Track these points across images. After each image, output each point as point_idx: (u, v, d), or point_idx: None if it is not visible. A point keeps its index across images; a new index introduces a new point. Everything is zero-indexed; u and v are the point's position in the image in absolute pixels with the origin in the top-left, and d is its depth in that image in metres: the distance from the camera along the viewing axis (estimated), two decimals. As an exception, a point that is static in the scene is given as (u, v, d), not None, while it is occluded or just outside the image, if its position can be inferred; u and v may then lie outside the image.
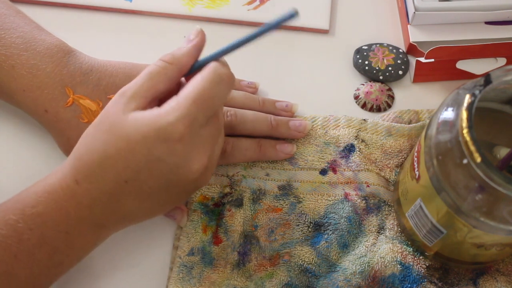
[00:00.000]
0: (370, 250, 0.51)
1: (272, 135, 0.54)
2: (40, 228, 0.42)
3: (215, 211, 0.52)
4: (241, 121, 0.53)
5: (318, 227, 0.52)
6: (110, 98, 0.51)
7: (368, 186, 0.53)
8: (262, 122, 0.54)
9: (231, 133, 0.53)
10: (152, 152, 0.41)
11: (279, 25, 0.42)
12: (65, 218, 0.43)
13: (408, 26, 0.59)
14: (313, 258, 0.51)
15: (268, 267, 0.51)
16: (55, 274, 0.45)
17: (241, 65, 0.59)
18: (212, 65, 0.43)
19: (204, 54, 0.59)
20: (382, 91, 0.59)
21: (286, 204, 0.53)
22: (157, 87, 0.43)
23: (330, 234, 0.52)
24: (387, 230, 0.52)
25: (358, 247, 0.51)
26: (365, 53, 0.60)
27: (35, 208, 0.42)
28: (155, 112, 0.42)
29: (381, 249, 0.51)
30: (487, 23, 0.59)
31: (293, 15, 0.41)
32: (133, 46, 0.60)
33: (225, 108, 0.53)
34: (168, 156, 0.41)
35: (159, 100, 0.44)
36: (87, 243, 0.45)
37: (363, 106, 0.58)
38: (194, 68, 0.45)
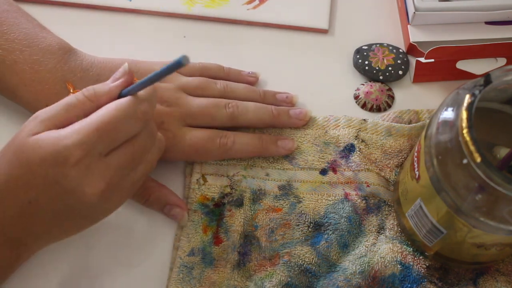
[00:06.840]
0: (370, 250, 0.51)
1: (273, 125, 0.55)
2: None
3: (215, 212, 0.52)
4: (243, 111, 0.54)
5: (318, 227, 0.52)
6: None
7: (368, 186, 0.53)
8: (263, 112, 0.54)
9: (233, 125, 0.54)
10: (49, 174, 0.41)
11: (169, 71, 0.40)
12: None
13: (408, 26, 0.59)
14: (313, 258, 0.51)
15: (268, 267, 0.51)
16: None
17: (241, 66, 0.59)
18: (127, 99, 0.42)
19: (204, 54, 0.59)
20: (382, 91, 0.59)
21: (286, 204, 0.53)
22: (71, 120, 0.42)
23: (330, 234, 0.51)
24: (387, 230, 0.52)
25: (358, 247, 0.51)
26: (365, 53, 0.60)
27: None
28: (54, 134, 0.41)
29: (381, 249, 0.51)
30: (487, 23, 0.59)
31: (181, 62, 0.39)
32: (133, 45, 0.60)
33: (226, 100, 0.54)
34: (63, 179, 0.41)
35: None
36: (7, 261, 0.45)
37: (363, 106, 0.58)
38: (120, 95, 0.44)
